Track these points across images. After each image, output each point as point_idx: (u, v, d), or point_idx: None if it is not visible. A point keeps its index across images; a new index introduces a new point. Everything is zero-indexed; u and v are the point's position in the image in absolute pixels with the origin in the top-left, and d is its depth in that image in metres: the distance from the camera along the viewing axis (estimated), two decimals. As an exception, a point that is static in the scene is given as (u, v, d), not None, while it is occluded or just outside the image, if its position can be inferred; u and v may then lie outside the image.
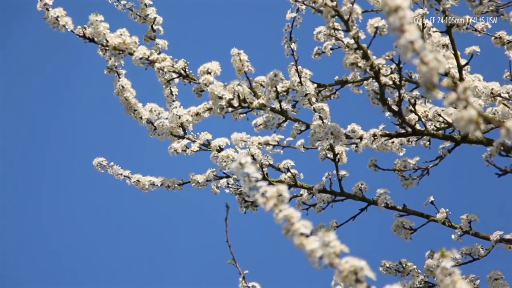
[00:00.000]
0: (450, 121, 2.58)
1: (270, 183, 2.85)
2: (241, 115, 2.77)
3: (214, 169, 2.93)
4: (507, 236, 2.72)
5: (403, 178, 2.64)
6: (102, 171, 2.96)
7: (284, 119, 2.76)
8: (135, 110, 2.94)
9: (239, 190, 2.91)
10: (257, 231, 4.78)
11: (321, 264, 1.76)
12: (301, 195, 3.04)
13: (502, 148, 2.41)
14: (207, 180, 2.92)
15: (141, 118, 2.94)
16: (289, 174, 2.97)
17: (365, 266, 1.75)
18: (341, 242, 1.80)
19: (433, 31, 2.65)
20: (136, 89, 2.96)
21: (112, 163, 2.96)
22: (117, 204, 5.44)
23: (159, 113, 2.97)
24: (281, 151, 3.50)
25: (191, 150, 2.88)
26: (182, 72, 2.85)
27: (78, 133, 5.79)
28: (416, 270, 2.75)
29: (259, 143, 3.46)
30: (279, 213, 1.77)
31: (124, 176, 2.94)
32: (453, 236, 2.78)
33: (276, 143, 3.51)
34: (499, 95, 2.58)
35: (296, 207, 3.07)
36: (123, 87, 2.91)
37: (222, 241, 3.48)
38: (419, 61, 1.39)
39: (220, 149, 2.86)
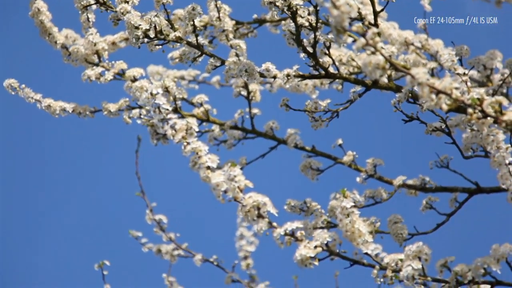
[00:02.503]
0: (363, 66, 2.61)
1: (182, 116, 2.86)
2: (157, 47, 2.75)
3: (127, 99, 2.92)
4: (410, 182, 2.80)
5: (313, 120, 2.67)
6: (13, 93, 2.91)
7: (199, 53, 2.75)
8: (50, 34, 2.89)
9: (151, 121, 2.91)
10: (168, 164, 4.80)
11: (225, 198, 1.80)
12: (213, 130, 3.06)
13: (410, 95, 2.47)
14: (119, 110, 2.91)
15: (55, 42, 2.90)
16: (202, 109, 2.99)
17: (268, 202, 1.79)
18: (247, 178, 1.83)
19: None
20: (52, 13, 2.91)
21: (23, 85, 2.92)
22: (24, 127, 5.36)
23: (74, 40, 2.93)
24: (196, 86, 3.51)
25: (105, 79, 2.86)
26: (100, -2, 2.81)
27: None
28: (320, 210, 2.80)
29: (175, 77, 3.45)
30: (187, 145, 1.79)
31: (35, 99, 2.90)
32: (358, 179, 2.84)
33: (191, 78, 3.51)
34: (412, 44, 2.63)
35: (207, 142, 3.09)
36: (38, 9, 2.86)
37: (132, 173, 3.49)
38: (330, 4, 1.41)
39: (134, 80, 2.85)
